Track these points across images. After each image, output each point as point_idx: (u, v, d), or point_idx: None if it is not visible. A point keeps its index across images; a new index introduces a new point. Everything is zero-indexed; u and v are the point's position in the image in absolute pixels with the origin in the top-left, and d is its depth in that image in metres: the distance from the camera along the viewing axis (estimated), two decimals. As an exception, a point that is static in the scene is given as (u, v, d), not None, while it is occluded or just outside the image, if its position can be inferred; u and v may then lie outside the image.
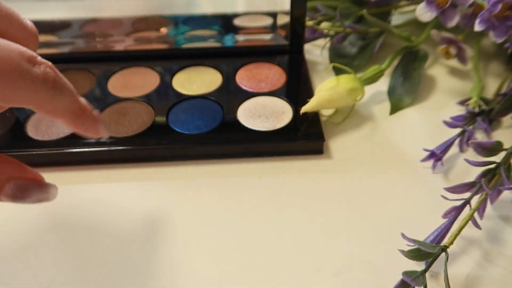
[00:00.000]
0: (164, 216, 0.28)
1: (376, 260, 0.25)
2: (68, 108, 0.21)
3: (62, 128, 0.32)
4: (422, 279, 0.22)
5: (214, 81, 0.37)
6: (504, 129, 0.34)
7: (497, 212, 0.28)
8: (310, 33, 0.40)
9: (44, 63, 0.19)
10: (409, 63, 0.39)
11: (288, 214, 0.28)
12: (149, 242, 0.26)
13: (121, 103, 0.35)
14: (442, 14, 0.35)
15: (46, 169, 0.31)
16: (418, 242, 0.22)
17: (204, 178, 0.30)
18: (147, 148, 0.31)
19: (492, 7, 0.31)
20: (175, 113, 0.34)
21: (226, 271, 0.25)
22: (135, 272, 0.25)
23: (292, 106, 0.34)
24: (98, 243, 0.26)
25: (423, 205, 0.28)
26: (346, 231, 0.27)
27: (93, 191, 0.29)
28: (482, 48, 0.42)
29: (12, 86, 0.18)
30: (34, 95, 0.19)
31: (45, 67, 0.19)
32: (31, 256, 0.26)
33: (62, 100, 0.20)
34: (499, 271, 0.25)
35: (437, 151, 0.30)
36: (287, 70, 0.38)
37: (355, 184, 0.30)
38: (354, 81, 0.33)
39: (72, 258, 0.26)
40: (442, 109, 0.36)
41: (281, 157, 0.32)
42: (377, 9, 0.42)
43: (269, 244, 0.26)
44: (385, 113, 0.36)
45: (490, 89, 0.38)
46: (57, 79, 0.20)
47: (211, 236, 0.27)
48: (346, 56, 0.41)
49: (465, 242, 0.26)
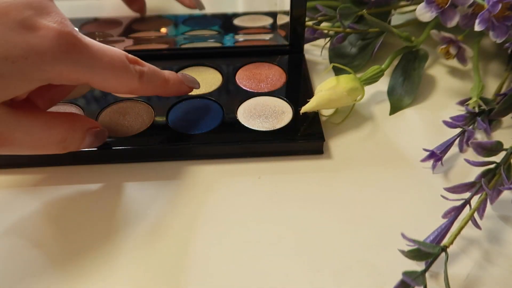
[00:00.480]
0: (164, 216, 0.28)
1: (376, 260, 0.25)
2: (154, 89, 0.28)
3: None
4: (422, 279, 0.22)
5: (214, 81, 0.37)
6: (504, 129, 0.34)
7: (497, 212, 0.28)
8: (310, 33, 0.40)
9: (140, 62, 0.27)
10: (409, 63, 0.39)
11: (288, 214, 0.28)
12: (149, 241, 0.26)
13: (121, 103, 0.35)
14: (442, 14, 0.35)
15: (46, 169, 0.31)
16: (418, 242, 0.22)
17: (204, 178, 0.30)
18: (147, 148, 0.31)
19: (492, 7, 0.31)
20: (175, 113, 0.34)
21: (226, 271, 0.25)
22: (135, 271, 0.25)
23: (292, 106, 0.34)
24: (98, 243, 0.26)
25: (423, 205, 0.28)
26: (346, 231, 0.27)
27: (93, 191, 0.29)
28: (482, 48, 0.42)
29: (119, 77, 0.25)
30: (130, 84, 0.26)
31: (140, 66, 0.27)
32: (31, 255, 0.26)
33: (151, 85, 0.28)
34: (499, 271, 0.25)
35: (437, 151, 0.30)
36: (287, 70, 0.38)
37: (355, 184, 0.30)
38: (354, 81, 0.33)
39: (72, 258, 0.26)
40: (442, 109, 0.36)
41: (281, 157, 0.32)
42: (377, 9, 0.42)
43: (269, 244, 0.26)
44: (385, 113, 0.36)
45: (490, 89, 0.38)
46: (149, 73, 0.27)
47: (211, 236, 0.27)
48: (346, 56, 0.41)
49: (465, 242, 0.26)
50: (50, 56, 0.22)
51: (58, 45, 0.22)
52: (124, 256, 0.26)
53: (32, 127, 0.24)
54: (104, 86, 0.26)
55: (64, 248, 0.26)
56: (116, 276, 0.25)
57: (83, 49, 0.23)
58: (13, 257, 0.26)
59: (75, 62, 0.23)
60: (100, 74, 0.24)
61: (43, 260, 0.25)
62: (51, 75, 0.22)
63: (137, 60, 0.27)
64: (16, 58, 0.21)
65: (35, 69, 0.21)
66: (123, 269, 0.25)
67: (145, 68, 0.27)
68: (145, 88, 0.27)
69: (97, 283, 0.24)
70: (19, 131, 0.23)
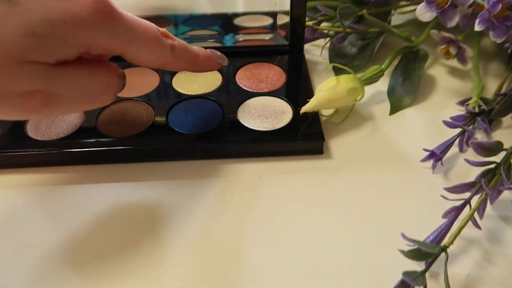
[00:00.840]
0: (164, 216, 0.28)
1: (376, 260, 0.25)
2: (185, 63, 0.29)
3: (62, 128, 0.32)
4: (422, 279, 0.22)
5: (214, 81, 0.37)
6: (504, 129, 0.34)
7: (497, 212, 0.28)
8: (310, 33, 0.40)
9: (171, 36, 0.27)
10: (409, 63, 0.39)
11: (287, 214, 0.28)
12: (148, 241, 0.26)
13: (121, 103, 0.35)
14: (442, 14, 0.35)
15: (46, 169, 0.31)
16: (418, 242, 0.22)
17: (204, 178, 0.30)
18: (147, 148, 0.31)
19: (492, 7, 0.31)
20: (175, 113, 0.34)
21: (225, 271, 0.25)
22: (135, 271, 0.25)
23: (292, 106, 0.34)
24: (98, 243, 0.26)
25: (423, 205, 0.28)
26: (346, 231, 0.27)
27: (93, 191, 0.29)
28: (482, 48, 0.42)
29: (152, 49, 0.26)
30: (164, 57, 0.27)
31: (171, 39, 0.27)
32: (31, 256, 0.26)
33: (182, 60, 0.28)
34: (499, 271, 0.25)
35: (437, 151, 0.30)
36: (287, 70, 0.38)
37: (355, 184, 0.30)
38: (354, 81, 0.33)
39: (72, 258, 0.26)
40: (442, 109, 0.36)
41: (281, 157, 0.32)
42: (377, 9, 0.42)
43: (269, 244, 0.26)
44: (385, 113, 0.36)
45: (490, 89, 0.38)
46: (180, 47, 0.28)
47: (211, 236, 0.27)
48: (346, 56, 0.41)
49: (465, 242, 0.26)
50: (87, 22, 0.22)
51: (95, 11, 0.22)
52: (124, 255, 0.26)
53: (76, 79, 0.23)
54: (138, 58, 0.26)
55: (65, 248, 0.26)
56: (116, 276, 0.25)
57: (118, 18, 0.23)
58: (13, 256, 0.26)
59: (111, 31, 0.23)
60: (135, 45, 0.25)
61: (43, 260, 0.25)
62: (88, 41, 0.23)
63: (167, 34, 0.27)
64: (55, 21, 0.21)
65: (73, 33, 0.22)
66: (123, 268, 0.25)
67: (176, 42, 0.27)
68: (176, 62, 0.28)
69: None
70: (64, 86, 0.23)
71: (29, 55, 0.21)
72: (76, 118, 0.33)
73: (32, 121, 0.33)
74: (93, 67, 0.24)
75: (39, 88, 0.22)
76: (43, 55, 0.21)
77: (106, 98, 0.26)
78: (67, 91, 0.23)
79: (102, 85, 0.25)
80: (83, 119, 0.33)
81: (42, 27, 0.21)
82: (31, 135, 0.32)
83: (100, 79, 0.25)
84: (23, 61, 0.21)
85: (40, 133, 0.32)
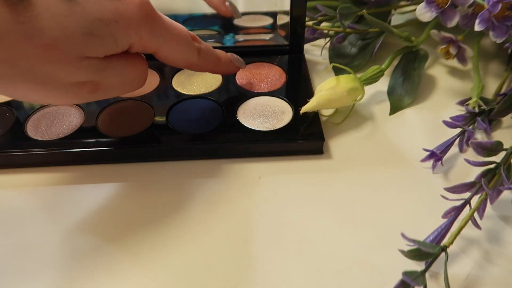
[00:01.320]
0: (164, 215, 0.28)
1: (376, 260, 0.25)
2: (208, 65, 0.31)
3: (62, 128, 0.32)
4: (422, 279, 0.22)
5: (214, 81, 0.37)
6: (504, 129, 0.34)
7: (497, 212, 0.28)
8: (310, 33, 0.40)
9: (198, 40, 0.30)
10: (409, 63, 0.39)
11: (287, 214, 0.28)
12: (148, 241, 0.26)
13: (121, 103, 0.35)
14: (442, 14, 0.35)
15: (46, 169, 0.31)
16: (418, 242, 0.22)
17: (204, 177, 0.30)
18: (148, 148, 0.31)
19: (492, 7, 0.31)
20: (175, 113, 0.34)
21: (225, 271, 0.25)
22: (134, 271, 0.25)
23: (292, 106, 0.34)
24: (98, 243, 0.26)
25: (423, 205, 0.28)
26: (346, 231, 0.27)
27: (93, 191, 0.29)
28: (482, 48, 0.42)
29: (183, 50, 0.28)
30: (191, 58, 0.29)
31: (198, 42, 0.30)
32: (31, 256, 0.26)
33: (206, 62, 0.31)
34: (499, 271, 0.25)
35: (437, 151, 0.30)
36: (287, 70, 0.38)
37: (355, 184, 0.30)
38: (354, 81, 0.33)
39: (72, 258, 0.26)
40: (442, 109, 0.36)
41: (281, 157, 0.32)
42: (377, 9, 0.42)
43: (269, 244, 0.26)
44: (385, 113, 0.36)
45: (490, 89, 0.38)
46: (205, 50, 0.30)
47: (211, 236, 0.27)
48: (346, 56, 0.41)
49: (465, 242, 0.26)
50: (135, 22, 0.25)
51: (141, 12, 0.25)
52: (124, 255, 0.26)
53: (119, 70, 0.26)
54: (168, 58, 0.28)
55: (65, 248, 0.26)
56: (115, 276, 0.25)
57: (158, 19, 0.26)
58: (13, 257, 0.26)
59: (152, 31, 0.26)
60: (168, 45, 0.27)
61: (43, 260, 0.25)
62: (133, 40, 0.25)
63: (196, 37, 0.30)
64: (109, 21, 0.23)
65: (122, 33, 0.24)
66: (122, 268, 0.25)
67: (202, 46, 0.30)
68: (201, 63, 0.30)
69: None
70: (110, 76, 0.25)
71: (86, 52, 0.23)
72: (76, 118, 0.33)
73: (32, 121, 0.33)
74: (131, 58, 0.27)
75: (90, 79, 0.25)
76: (97, 51, 0.24)
77: (139, 82, 0.28)
78: (111, 80, 0.26)
79: (137, 74, 0.27)
80: (83, 119, 0.33)
81: (98, 27, 0.23)
82: (31, 135, 0.32)
83: (136, 69, 0.27)
84: (81, 57, 0.23)
85: (40, 133, 0.32)
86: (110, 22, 0.23)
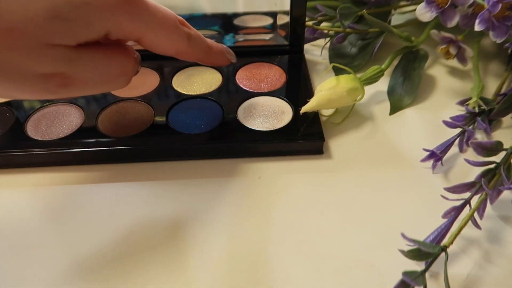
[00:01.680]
0: (163, 215, 0.28)
1: (376, 260, 0.25)
2: (198, 54, 0.29)
3: (62, 128, 0.32)
4: (422, 279, 0.22)
5: (214, 81, 0.37)
6: (504, 129, 0.34)
7: (497, 212, 0.28)
8: (310, 33, 0.40)
9: (187, 25, 0.27)
10: (409, 63, 0.39)
11: (288, 214, 0.28)
12: (147, 241, 0.26)
13: (121, 103, 0.35)
14: (442, 14, 0.35)
15: (46, 169, 0.31)
16: (418, 242, 0.22)
17: (204, 177, 0.30)
18: (147, 148, 0.31)
19: (492, 7, 0.31)
20: (175, 113, 0.34)
21: (225, 271, 0.25)
22: (133, 270, 0.25)
23: (292, 106, 0.34)
24: (98, 243, 0.26)
25: (423, 205, 0.28)
26: (346, 231, 0.27)
27: (93, 191, 0.29)
28: (482, 48, 0.42)
29: (170, 36, 0.26)
30: (180, 44, 0.27)
31: (188, 28, 0.27)
32: (31, 256, 0.26)
33: (196, 49, 0.28)
34: (499, 271, 0.25)
35: (437, 151, 0.30)
36: (287, 70, 0.38)
37: (355, 184, 0.30)
38: (354, 81, 0.33)
39: (72, 258, 0.26)
40: (442, 109, 0.36)
41: (281, 157, 0.32)
42: (377, 9, 0.42)
43: (268, 244, 0.26)
44: (385, 113, 0.36)
45: (490, 89, 0.38)
46: (196, 36, 0.28)
47: (211, 236, 0.27)
48: (346, 56, 0.41)
49: (465, 242, 0.26)
50: (111, 4, 0.22)
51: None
52: (124, 255, 0.26)
53: (95, 62, 0.23)
54: (154, 45, 0.26)
55: (65, 248, 0.26)
56: (115, 276, 0.25)
57: (139, 2, 0.23)
58: (13, 257, 0.26)
59: (132, 14, 0.23)
60: (153, 30, 0.24)
61: (43, 260, 0.25)
62: (110, 24, 0.22)
63: (185, 22, 0.27)
64: (79, 3, 0.21)
65: (96, 16, 0.22)
66: (122, 268, 0.25)
67: (192, 31, 0.27)
68: (191, 51, 0.28)
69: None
70: (82, 69, 0.23)
71: (53, 38, 0.21)
72: (76, 118, 0.33)
73: (32, 121, 0.33)
74: (110, 51, 0.24)
75: (59, 70, 0.22)
76: (66, 38, 0.21)
77: (122, 81, 0.26)
78: (85, 73, 0.23)
79: (119, 69, 0.25)
80: (83, 119, 0.33)
81: (66, 10, 0.21)
82: (31, 135, 0.32)
83: (117, 63, 0.25)
84: (47, 44, 0.21)
85: (40, 133, 0.32)
86: (81, 5, 0.21)
